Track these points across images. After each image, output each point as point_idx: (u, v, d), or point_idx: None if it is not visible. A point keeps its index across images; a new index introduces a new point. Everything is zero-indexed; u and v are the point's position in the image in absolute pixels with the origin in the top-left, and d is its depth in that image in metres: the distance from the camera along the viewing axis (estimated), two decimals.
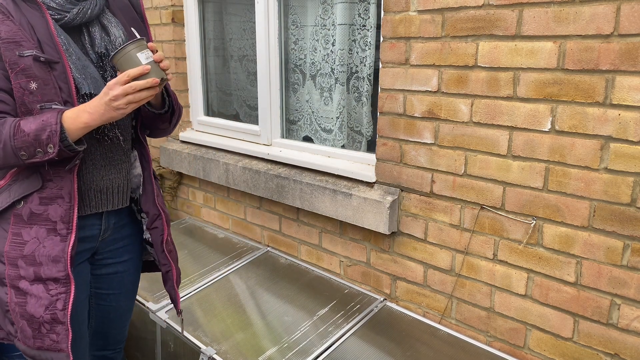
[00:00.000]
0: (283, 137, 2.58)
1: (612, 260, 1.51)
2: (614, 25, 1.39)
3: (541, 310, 1.68)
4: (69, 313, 1.31)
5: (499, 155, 1.68)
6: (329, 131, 2.40)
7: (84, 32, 1.33)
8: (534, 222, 1.64)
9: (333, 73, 2.31)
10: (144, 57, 1.20)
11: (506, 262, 1.73)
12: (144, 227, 1.54)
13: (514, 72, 1.59)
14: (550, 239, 1.62)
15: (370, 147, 2.28)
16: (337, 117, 2.32)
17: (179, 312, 1.61)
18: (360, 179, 2.08)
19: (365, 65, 2.19)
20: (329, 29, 2.29)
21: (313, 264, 2.40)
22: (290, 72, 2.50)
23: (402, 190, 1.96)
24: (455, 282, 1.88)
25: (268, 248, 2.58)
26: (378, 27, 2.11)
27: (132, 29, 1.38)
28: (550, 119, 1.55)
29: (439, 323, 1.95)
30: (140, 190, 1.50)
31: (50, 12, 1.26)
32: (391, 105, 1.92)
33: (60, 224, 1.29)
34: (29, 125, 1.19)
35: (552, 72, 1.52)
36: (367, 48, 2.16)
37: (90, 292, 1.52)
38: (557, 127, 1.54)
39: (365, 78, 2.20)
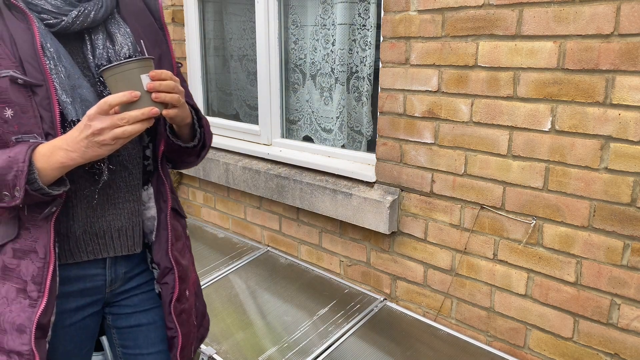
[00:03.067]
0: (283, 137, 2.58)
1: (612, 260, 1.51)
2: (614, 25, 1.39)
3: (541, 310, 1.68)
4: None
5: (499, 155, 1.67)
6: (329, 131, 2.40)
7: (86, 40, 1.09)
8: (534, 222, 1.64)
9: (333, 73, 2.31)
10: (148, 81, 0.95)
11: (506, 262, 1.73)
12: (155, 280, 1.25)
13: (514, 72, 1.59)
14: (550, 239, 1.62)
15: (370, 147, 2.28)
16: (337, 117, 2.32)
17: None
18: (360, 178, 2.08)
19: (365, 65, 2.18)
20: (329, 29, 2.29)
21: (313, 263, 2.40)
22: (290, 72, 2.50)
23: (402, 190, 1.96)
24: (455, 282, 1.88)
25: (268, 248, 2.58)
26: (378, 26, 2.11)
27: (142, 41, 1.13)
28: (550, 118, 1.55)
29: (439, 323, 1.95)
30: (154, 236, 1.19)
31: (45, 15, 1.03)
32: (391, 105, 1.92)
33: (30, 285, 1.03)
34: None
35: (552, 72, 1.52)
36: (367, 48, 2.16)
37: (118, 352, 1.28)
38: (557, 127, 1.54)
39: (365, 78, 2.20)
